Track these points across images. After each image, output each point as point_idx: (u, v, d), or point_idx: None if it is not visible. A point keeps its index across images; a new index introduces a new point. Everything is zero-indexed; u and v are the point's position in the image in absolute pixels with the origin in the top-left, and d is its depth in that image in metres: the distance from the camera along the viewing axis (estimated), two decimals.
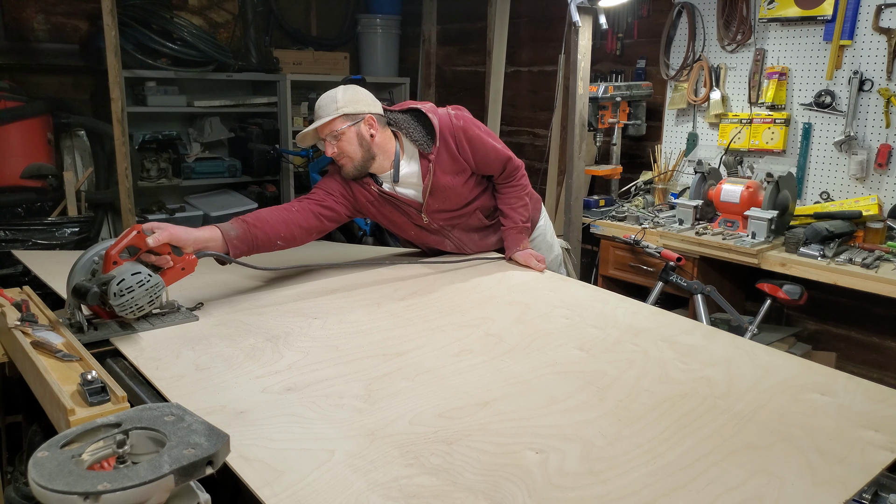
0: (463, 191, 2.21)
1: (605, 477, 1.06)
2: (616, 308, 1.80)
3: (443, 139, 2.10)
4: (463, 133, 2.12)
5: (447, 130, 2.11)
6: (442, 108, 2.16)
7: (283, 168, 4.87)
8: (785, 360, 1.49)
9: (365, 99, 2.08)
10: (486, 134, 2.19)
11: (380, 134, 2.08)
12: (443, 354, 1.50)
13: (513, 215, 2.28)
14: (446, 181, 2.15)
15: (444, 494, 1.00)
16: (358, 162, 2.06)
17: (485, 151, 2.17)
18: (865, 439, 1.17)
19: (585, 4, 2.96)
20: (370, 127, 2.05)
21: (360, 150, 2.05)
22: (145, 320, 1.62)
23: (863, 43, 2.97)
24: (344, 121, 2.02)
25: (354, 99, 2.05)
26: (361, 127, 2.04)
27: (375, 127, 2.06)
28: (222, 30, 4.79)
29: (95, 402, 1.21)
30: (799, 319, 3.33)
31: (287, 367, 1.42)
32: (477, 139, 2.15)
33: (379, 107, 2.12)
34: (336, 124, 2.02)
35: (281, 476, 1.02)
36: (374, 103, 2.10)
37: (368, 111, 2.06)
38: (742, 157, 3.40)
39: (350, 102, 2.03)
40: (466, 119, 2.15)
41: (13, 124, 3.65)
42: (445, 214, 2.24)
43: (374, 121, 2.06)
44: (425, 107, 2.15)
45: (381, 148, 2.09)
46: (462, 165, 2.16)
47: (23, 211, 3.70)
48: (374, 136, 2.06)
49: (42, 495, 0.80)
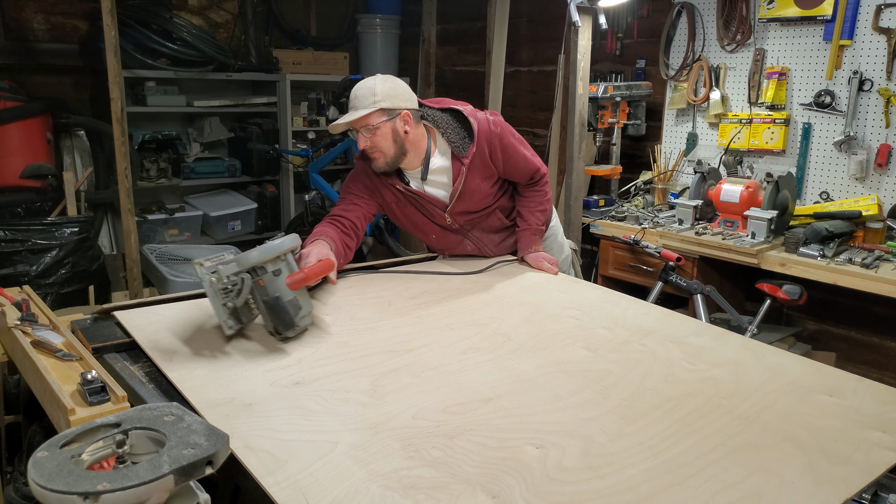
0: (488, 193, 2.20)
1: (603, 472, 1.07)
2: (626, 309, 1.81)
3: (479, 145, 2.08)
4: (499, 140, 2.10)
5: (485, 136, 2.08)
6: (481, 113, 2.13)
7: (283, 168, 4.87)
8: (793, 361, 1.49)
9: (403, 93, 2.02)
10: (520, 143, 2.20)
11: (413, 130, 2.04)
12: (450, 352, 1.51)
13: (530, 218, 2.28)
14: (475, 185, 2.13)
15: (443, 486, 1.02)
16: (390, 158, 2.03)
17: (516, 160, 2.17)
18: (871, 440, 1.17)
19: (585, 4, 2.96)
20: (405, 123, 2.01)
21: (394, 146, 2.01)
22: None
23: (863, 43, 2.97)
24: (380, 115, 1.97)
25: (393, 93, 1.99)
26: (397, 123, 1.99)
27: (410, 123, 2.02)
28: (222, 30, 4.80)
29: (95, 401, 1.21)
30: (799, 319, 3.33)
31: (296, 362, 1.44)
32: (511, 147, 2.14)
33: (415, 101, 2.07)
34: (372, 118, 1.97)
35: (284, 466, 1.05)
36: (410, 98, 2.05)
37: (405, 107, 2.01)
38: (742, 157, 3.40)
39: (388, 97, 1.98)
40: (504, 127, 2.14)
41: (13, 124, 3.65)
42: (468, 216, 2.22)
43: (409, 117, 2.01)
44: (466, 109, 2.11)
45: (414, 144, 2.06)
46: (492, 171, 2.14)
47: (22, 211, 3.70)
48: (408, 133, 2.02)
49: (42, 495, 0.80)
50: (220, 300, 1.45)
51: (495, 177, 2.18)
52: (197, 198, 4.74)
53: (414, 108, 2.05)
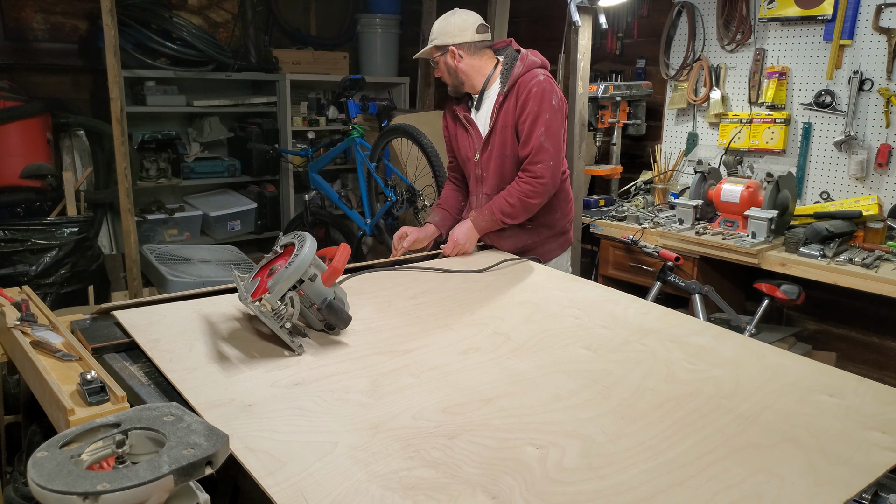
0: (510, 154, 2.33)
1: (603, 472, 1.07)
2: (627, 309, 1.81)
3: (514, 86, 2.29)
4: (527, 92, 2.25)
5: (521, 81, 2.28)
6: (541, 69, 2.32)
7: (283, 168, 4.87)
8: (794, 361, 1.49)
9: (452, 31, 2.33)
10: (548, 117, 2.25)
11: (467, 62, 2.34)
12: (450, 352, 1.51)
13: (496, 201, 2.31)
14: (505, 125, 2.31)
15: (443, 486, 1.02)
16: (451, 85, 2.41)
17: (530, 122, 2.25)
18: (871, 440, 1.17)
19: (585, 4, 2.96)
20: (453, 57, 2.33)
21: (450, 76, 2.38)
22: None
23: (863, 43, 2.97)
24: (435, 51, 2.36)
25: (443, 31, 2.34)
26: (447, 58, 2.34)
27: (457, 57, 2.33)
28: (222, 29, 4.79)
29: (95, 401, 1.21)
30: (799, 319, 3.33)
31: (296, 363, 1.44)
32: (533, 106, 2.24)
33: (469, 34, 2.32)
34: (433, 54, 2.38)
35: (284, 466, 1.05)
36: (461, 32, 2.32)
37: (452, 43, 2.32)
38: (742, 157, 3.40)
39: (439, 34, 2.35)
40: (543, 87, 2.25)
41: (12, 124, 3.65)
42: (492, 173, 2.38)
43: (456, 52, 2.32)
44: (528, 56, 2.33)
45: (468, 74, 2.36)
46: (514, 121, 2.30)
47: (22, 211, 3.70)
48: (458, 65, 2.34)
49: (41, 495, 0.80)
50: (278, 324, 1.47)
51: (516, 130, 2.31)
52: (196, 198, 4.74)
53: (466, 41, 2.32)
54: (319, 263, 1.56)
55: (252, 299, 1.48)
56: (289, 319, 1.48)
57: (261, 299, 1.47)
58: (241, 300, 1.48)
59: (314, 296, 1.53)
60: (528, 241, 2.41)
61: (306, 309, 1.57)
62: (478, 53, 2.34)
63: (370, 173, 4.45)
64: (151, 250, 3.85)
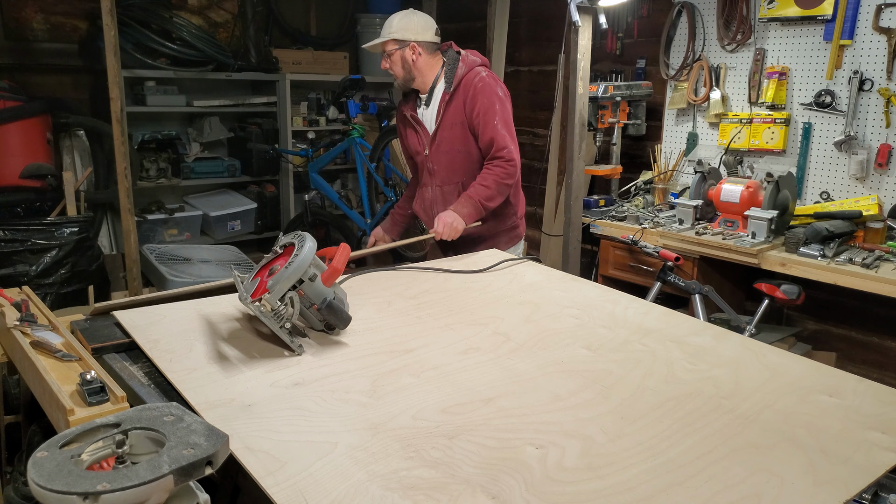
0: (463, 147, 2.46)
1: (603, 472, 1.07)
2: (626, 308, 1.80)
3: (458, 86, 2.44)
4: (474, 90, 2.40)
5: (465, 80, 2.43)
6: (482, 67, 2.48)
7: (283, 168, 4.87)
8: (794, 361, 1.49)
9: (415, 28, 2.45)
10: (499, 111, 2.40)
11: (423, 59, 2.48)
12: (450, 352, 1.51)
13: (473, 187, 2.42)
14: (451, 123, 2.45)
15: (442, 486, 1.02)
16: (400, 79, 2.52)
17: (483, 119, 2.39)
18: (871, 440, 1.17)
19: (585, 4, 2.96)
20: (413, 52, 2.45)
21: (403, 70, 2.49)
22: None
23: (863, 43, 2.97)
24: (393, 44, 2.46)
25: (405, 27, 2.44)
26: (406, 52, 2.45)
27: (417, 53, 2.46)
28: (222, 29, 4.79)
29: (94, 402, 1.21)
30: (799, 319, 3.33)
31: (296, 363, 1.44)
32: (483, 103, 2.39)
33: (430, 35, 2.47)
34: (387, 46, 2.47)
35: (284, 466, 1.05)
36: (424, 30, 2.46)
37: (414, 39, 2.44)
38: (742, 157, 3.40)
39: (400, 29, 2.44)
40: (488, 84, 2.42)
41: (12, 124, 3.65)
42: (445, 169, 2.52)
43: (416, 48, 2.45)
44: (468, 56, 2.48)
45: (422, 71, 2.50)
46: (463, 117, 2.43)
47: (22, 211, 3.70)
48: (415, 62, 2.47)
49: (41, 495, 0.80)
50: (278, 325, 1.47)
51: (467, 126, 2.45)
52: (196, 198, 4.73)
53: (426, 41, 2.46)
54: (319, 263, 1.56)
55: (252, 299, 1.48)
56: (289, 319, 1.48)
57: (261, 299, 1.47)
58: (241, 300, 1.48)
59: (314, 296, 1.53)
60: (477, 231, 2.50)
61: (306, 309, 1.57)
62: (433, 54, 2.50)
63: (370, 173, 4.45)
64: (151, 250, 3.85)
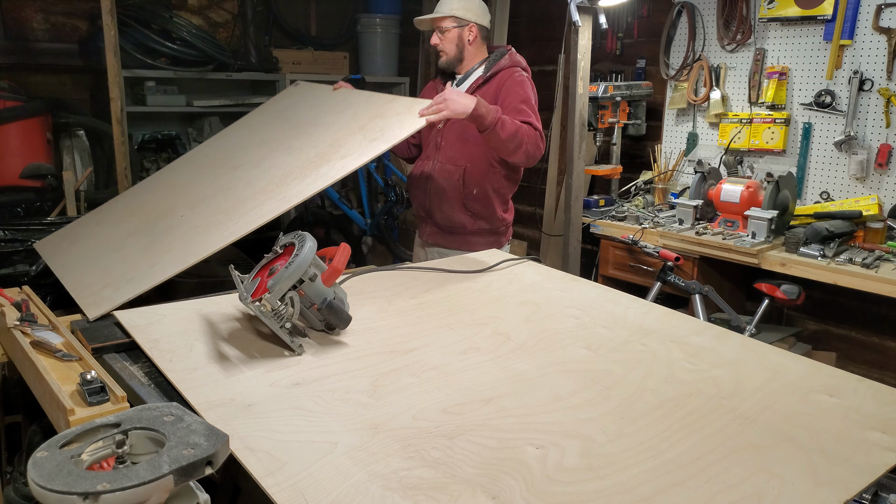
0: (476, 133, 2.30)
1: (603, 473, 1.07)
2: (627, 309, 1.80)
3: (494, 75, 2.46)
4: (509, 76, 2.44)
5: (507, 74, 2.45)
6: (524, 70, 2.51)
7: None
8: (794, 361, 1.49)
9: (476, 10, 2.48)
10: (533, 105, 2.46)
11: (475, 45, 2.51)
12: (450, 352, 1.51)
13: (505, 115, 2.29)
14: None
15: (442, 486, 1.02)
16: (450, 58, 2.52)
17: (519, 102, 2.38)
18: (871, 441, 1.17)
19: (585, 4, 2.96)
20: (470, 33, 2.48)
21: (455, 49, 2.50)
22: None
23: (863, 43, 2.97)
24: (452, 21, 2.46)
25: (467, 7, 2.46)
26: (464, 31, 2.47)
27: (475, 36, 2.49)
28: (222, 29, 4.79)
29: (95, 401, 1.21)
30: (799, 319, 3.33)
31: (296, 363, 1.44)
32: (522, 94, 2.42)
33: (486, 20, 2.52)
34: (446, 22, 2.47)
35: (284, 466, 1.05)
36: (483, 15, 2.50)
37: (475, 21, 2.47)
38: (742, 157, 3.40)
39: (462, 8, 2.45)
40: (528, 84, 2.47)
41: (12, 124, 3.65)
42: (451, 143, 2.51)
43: (474, 30, 2.48)
44: (514, 56, 2.52)
45: (471, 55, 2.52)
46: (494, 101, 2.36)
47: (22, 211, 3.70)
48: (470, 43, 2.49)
49: (41, 495, 0.80)
50: (278, 325, 1.47)
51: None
52: None
53: (484, 25, 2.51)
54: (319, 263, 1.56)
55: (252, 299, 1.48)
56: (289, 319, 1.48)
57: (261, 299, 1.47)
58: (241, 300, 1.48)
59: (314, 296, 1.53)
60: (460, 220, 2.54)
61: (306, 309, 1.57)
62: (483, 41, 2.55)
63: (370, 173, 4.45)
64: None
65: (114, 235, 2.23)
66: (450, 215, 2.56)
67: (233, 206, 2.02)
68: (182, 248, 1.91)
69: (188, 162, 2.70)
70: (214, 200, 2.14)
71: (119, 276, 1.86)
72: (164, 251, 1.93)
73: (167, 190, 2.46)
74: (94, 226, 2.44)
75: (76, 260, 2.15)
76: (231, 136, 2.74)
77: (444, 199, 2.54)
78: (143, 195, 2.54)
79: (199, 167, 2.57)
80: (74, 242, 2.34)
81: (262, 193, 2.02)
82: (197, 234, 1.96)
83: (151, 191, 2.55)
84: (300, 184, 1.96)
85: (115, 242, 2.15)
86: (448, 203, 2.54)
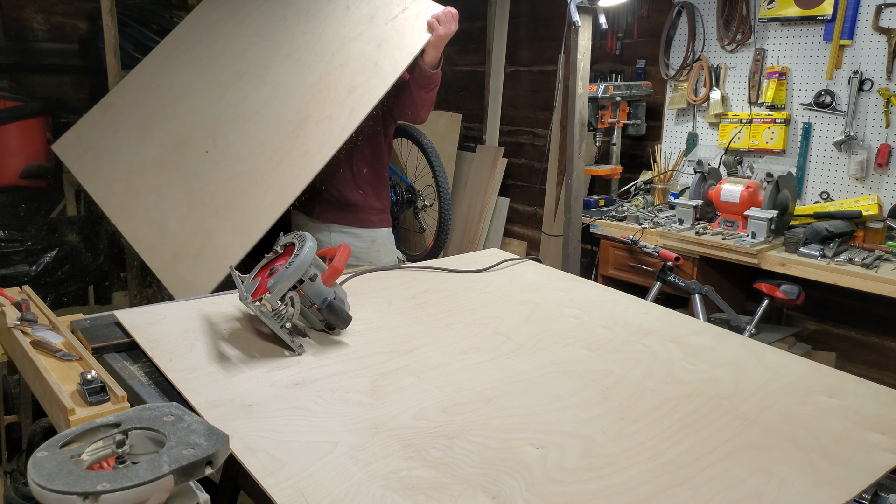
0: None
1: (603, 473, 1.07)
2: (626, 309, 1.81)
3: None
4: None
5: None
6: None
7: None
8: (794, 362, 1.49)
9: None
10: None
11: None
12: (450, 352, 1.51)
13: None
14: None
15: (443, 486, 1.02)
16: None
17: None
18: (871, 441, 1.17)
19: (585, 4, 2.96)
20: None
21: None
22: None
23: (863, 43, 2.97)
24: None
25: None
26: None
27: None
28: None
29: (95, 401, 1.21)
30: (799, 319, 3.33)
31: (296, 363, 1.44)
32: None
33: None
34: None
35: (284, 466, 1.05)
36: None
37: None
38: (742, 157, 3.40)
39: None
40: None
41: (12, 124, 3.65)
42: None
43: None
44: None
45: None
46: None
47: (22, 211, 3.70)
48: None
49: (41, 495, 0.80)
50: (278, 324, 1.47)
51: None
52: None
53: None
54: (320, 263, 1.56)
55: (252, 299, 1.48)
56: (289, 319, 1.48)
57: (261, 299, 1.47)
58: (242, 300, 1.48)
59: (314, 296, 1.53)
60: (356, 197, 2.53)
61: (306, 309, 1.57)
62: None
63: None
64: None
65: (143, 161, 2.34)
66: (351, 190, 2.56)
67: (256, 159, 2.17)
68: (235, 217, 2.14)
69: (180, 50, 2.67)
70: (234, 134, 2.25)
71: (181, 247, 2.13)
72: (213, 213, 2.16)
73: (173, 99, 2.50)
74: (110, 135, 2.50)
75: (119, 195, 2.34)
76: (218, 23, 2.70)
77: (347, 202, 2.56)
78: (148, 95, 2.58)
79: (196, 65, 2.57)
80: (100, 157, 2.42)
81: (288, 138, 2.17)
82: (241, 199, 2.16)
83: (156, 91, 2.58)
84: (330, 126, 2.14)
85: (151, 178, 2.29)
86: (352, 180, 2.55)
